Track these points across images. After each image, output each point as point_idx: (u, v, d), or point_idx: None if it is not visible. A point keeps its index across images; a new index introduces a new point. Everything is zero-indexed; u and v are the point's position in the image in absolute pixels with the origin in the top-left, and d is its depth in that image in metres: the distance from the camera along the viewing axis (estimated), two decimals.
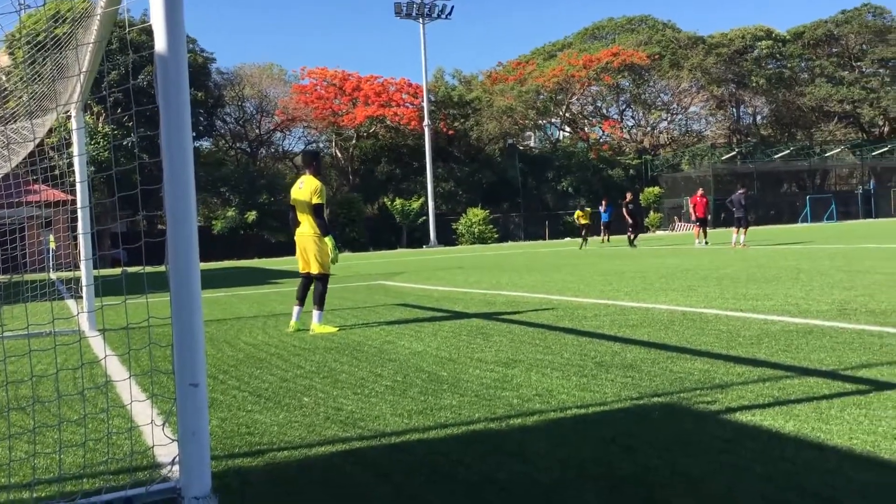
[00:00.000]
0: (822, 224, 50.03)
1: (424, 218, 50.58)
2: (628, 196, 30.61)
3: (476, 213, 51.49)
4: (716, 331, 7.02)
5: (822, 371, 5.08)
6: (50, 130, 11.49)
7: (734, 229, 24.71)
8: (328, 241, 8.54)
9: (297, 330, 8.70)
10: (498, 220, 54.50)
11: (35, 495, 3.38)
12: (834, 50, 68.15)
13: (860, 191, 61.89)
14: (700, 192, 28.90)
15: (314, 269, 8.70)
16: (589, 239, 31.26)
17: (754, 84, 64.52)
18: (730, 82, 65.03)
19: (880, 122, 68.41)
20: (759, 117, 71.15)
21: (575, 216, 33.13)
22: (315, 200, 8.49)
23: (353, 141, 57.85)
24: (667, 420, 4.11)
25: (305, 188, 8.60)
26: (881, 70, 67.63)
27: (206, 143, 57.41)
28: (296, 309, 8.88)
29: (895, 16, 68.02)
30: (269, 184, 51.12)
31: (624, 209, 29.58)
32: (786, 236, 30.30)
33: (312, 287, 8.82)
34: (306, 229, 8.63)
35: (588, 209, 33.06)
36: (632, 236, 29.08)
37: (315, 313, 8.63)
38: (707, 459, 3.42)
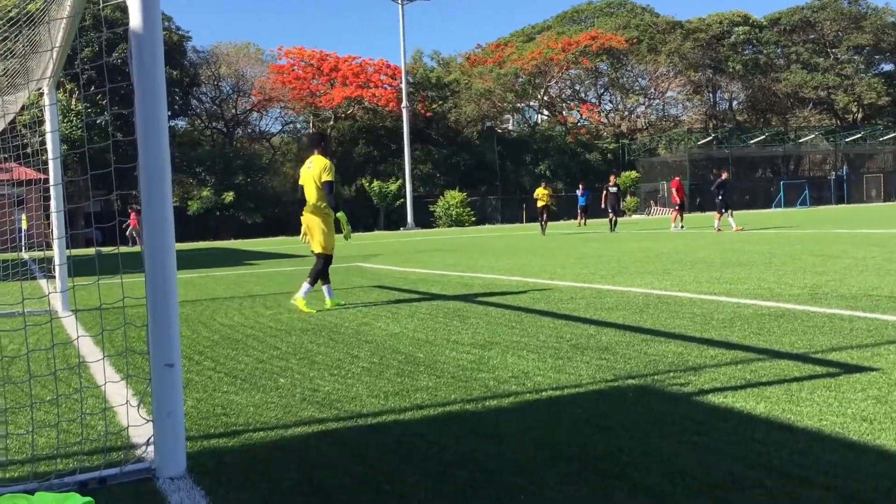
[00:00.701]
0: (796, 209, 50.58)
1: (402, 200, 50.50)
2: (612, 179, 30.15)
3: (454, 196, 51.48)
4: (690, 314, 7.10)
5: (793, 354, 5.15)
6: (22, 108, 11.31)
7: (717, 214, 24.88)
8: (341, 216, 8.70)
9: (335, 306, 8.85)
10: (475, 202, 54.53)
11: (8, 475, 3.36)
12: (810, 36, 68.66)
13: (833, 177, 62.62)
14: (678, 177, 29.15)
15: (316, 248, 8.85)
16: (547, 225, 29.00)
17: (731, 69, 64.90)
18: (707, 67, 65.37)
19: (854, 109, 69.13)
20: (735, 103, 71.64)
21: (536, 194, 29.42)
22: (325, 178, 8.63)
23: (331, 122, 57.50)
24: (640, 401, 4.16)
25: (315, 167, 8.73)
26: (856, 57, 68.31)
27: (181, 123, 56.86)
28: (324, 287, 9.02)
29: (871, 3, 68.61)
30: (245, 164, 50.76)
31: (605, 191, 29.15)
32: (759, 221, 30.61)
33: (314, 263, 8.96)
34: (313, 208, 8.74)
35: (548, 189, 29.94)
36: (612, 220, 28.56)
37: (304, 286, 8.76)
38: (679, 440, 3.46)
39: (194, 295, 10.96)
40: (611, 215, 28.52)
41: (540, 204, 28.85)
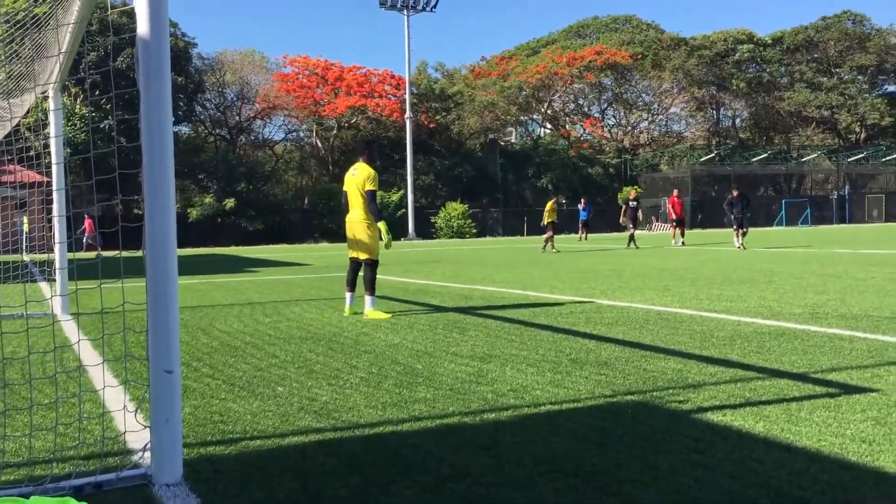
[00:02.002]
0: (797, 228, 50.59)
1: (403, 210, 50.50)
2: (632, 193, 28.80)
3: (455, 208, 51.51)
4: (690, 331, 7.09)
5: (792, 373, 5.14)
6: (27, 111, 11.34)
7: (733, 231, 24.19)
8: (381, 226, 8.72)
9: (352, 314, 8.86)
10: (477, 214, 54.54)
11: (3, 478, 3.35)
12: (814, 56, 68.82)
13: (835, 196, 62.65)
14: (675, 192, 29.08)
15: (362, 255, 8.86)
16: (550, 243, 25.17)
17: (734, 87, 65.07)
18: (710, 84, 65.54)
19: (857, 129, 69.24)
20: (738, 120, 71.77)
21: (547, 208, 26.16)
22: (368, 186, 8.68)
23: (334, 131, 57.60)
24: (639, 418, 4.15)
25: (359, 175, 8.78)
26: (859, 77, 68.45)
27: (184, 129, 56.95)
28: (348, 295, 9.05)
29: (875, 24, 68.87)
30: (248, 172, 50.77)
31: (625, 206, 27.71)
32: (761, 239, 30.61)
33: (362, 273, 8.92)
34: (357, 215, 8.78)
35: (553, 207, 26.42)
36: (631, 235, 26.95)
37: (367, 299, 8.79)
38: (677, 457, 3.45)
39: (194, 301, 10.95)
40: (630, 230, 27.16)
41: (546, 220, 25.74)
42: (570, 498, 3.02)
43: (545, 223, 25.59)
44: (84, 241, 30.83)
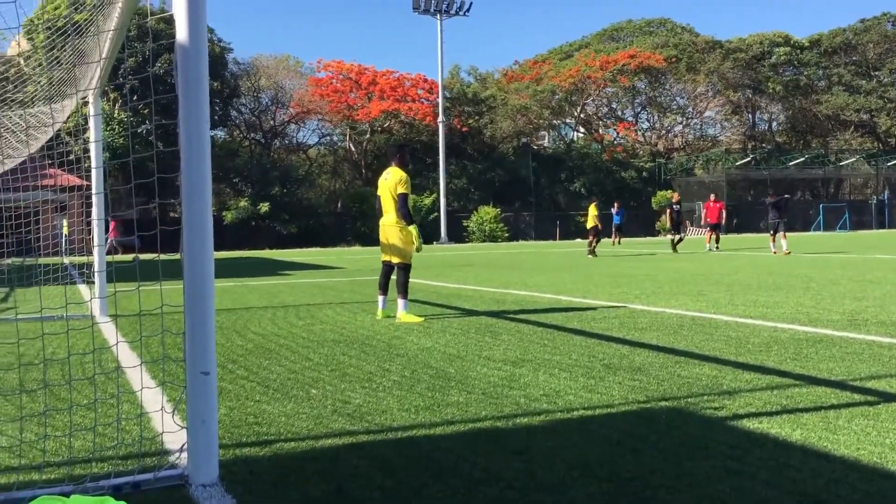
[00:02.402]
0: (835, 233, 49.79)
1: (436, 214, 50.57)
2: (675, 197, 27.78)
3: (487, 211, 51.46)
4: (725, 337, 7.01)
5: (830, 381, 5.07)
6: (68, 116, 11.55)
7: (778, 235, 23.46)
8: (412, 229, 8.79)
9: (385, 318, 8.92)
10: (509, 218, 54.45)
11: (44, 477, 3.42)
12: (852, 58, 67.69)
13: (874, 201, 61.52)
14: (712, 197, 28.69)
15: (395, 259, 8.92)
16: (593, 246, 24.60)
17: (771, 90, 64.22)
18: (746, 88, 64.76)
19: None
20: (774, 124, 70.84)
21: (589, 210, 25.75)
22: (400, 190, 8.75)
23: (367, 135, 57.87)
24: (673, 424, 4.12)
25: (391, 179, 8.86)
26: None
27: (220, 133, 57.56)
28: (380, 298, 9.13)
29: None
30: (282, 175, 51.17)
31: (668, 210, 26.89)
32: (798, 245, 30.16)
33: (395, 276, 8.97)
34: (390, 219, 8.87)
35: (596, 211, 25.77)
36: (675, 239, 26.17)
37: (400, 302, 8.83)
38: (713, 464, 3.42)
39: (229, 303, 11.07)
40: (673, 235, 26.37)
41: (590, 224, 25.29)
42: (604, 503, 3.01)
43: (589, 227, 25.47)
44: (109, 244, 30.65)
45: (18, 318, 5.98)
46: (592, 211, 25.70)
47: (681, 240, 26.13)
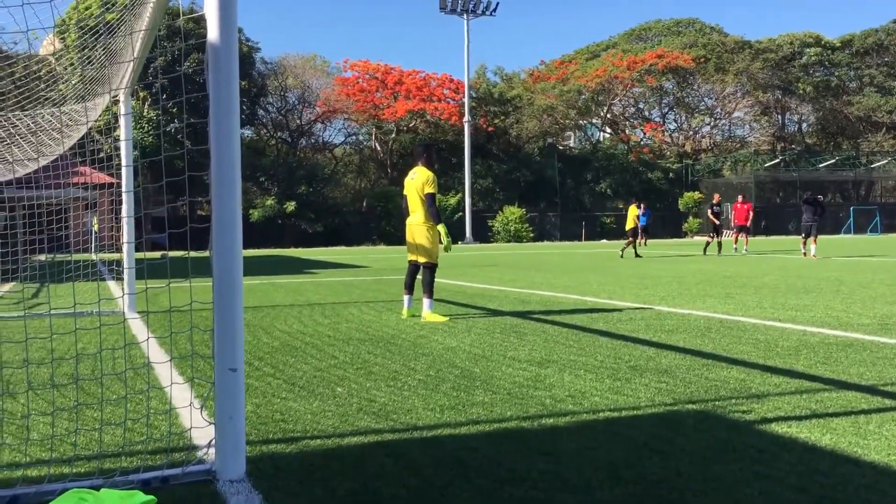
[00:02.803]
0: (866, 236, 49.11)
1: (461, 214, 50.58)
2: (716, 197, 26.77)
3: (513, 212, 51.39)
4: (753, 340, 6.95)
5: (861, 385, 5.00)
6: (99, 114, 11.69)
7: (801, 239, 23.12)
8: (441, 228, 8.82)
9: (410, 317, 8.95)
10: (535, 219, 54.33)
11: (75, 471, 3.46)
12: (884, 59, 66.69)
13: None
14: (740, 198, 28.39)
15: (422, 259, 8.95)
16: (631, 247, 24.90)
17: (801, 91, 63.51)
18: (776, 88, 64.08)
19: None
20: (804, 125, 70.03)
21: (630, 212, 25.90)
22: (427, 190, 8.78)
23: (393, 135, 58.02)
24: (700, 427, 4.08)
25: (418, 178, 8.89)
26: None
27: (247, 132, 57.99)
28: (406, 297, 9.16)
29: None
30: (308, 174, 51.46)
31: (709, 211, 26.03)
32: (828, 248, 29.79)
33: (421, 276, 9.00)
34: (417, 219, 8.90)
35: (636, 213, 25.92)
36: (715, 242, 25.44)
37: (425, 301, 8.87)
38: (740, 468, 3.39)
39: (255, 301, 11.15)
40: (713, 237, 25.61)
41: (631, 225, 25.52)
42: None
43: (628, 228, 25.76)
44: (95, 246, 29.12)
45: (52, 313, 6.07)
46: (633, 212, 25.89)
47: (719, 243, 25.42)
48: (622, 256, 24.26)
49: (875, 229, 54.28)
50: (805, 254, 22.50)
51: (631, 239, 25.14)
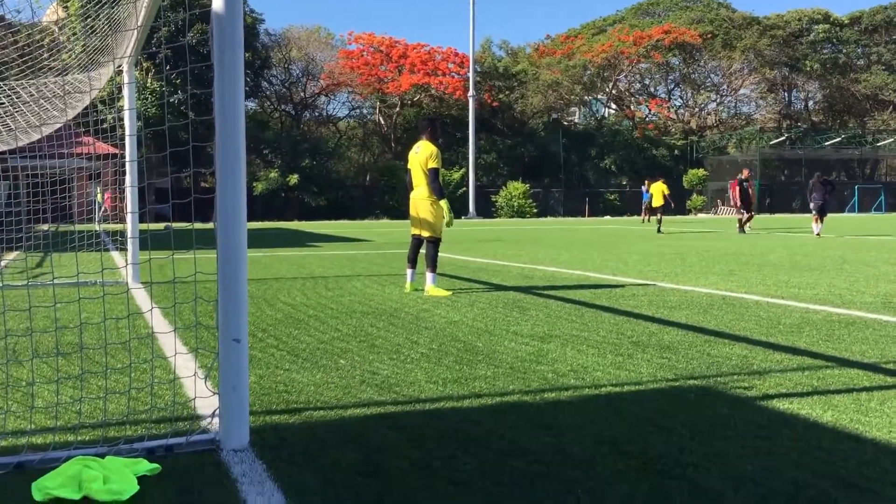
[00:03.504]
0: (870, 215, 48.99)
1: (464, 189, 50.50)
2: (745, 172, 25.43)
3: (516, 187, 51.30)
4: (755, 317, 6.95)
5: (863, 363, 5.01)
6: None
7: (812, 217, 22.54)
8: (443, 203, 8.80)
9: (413, 291, 8.95)
10: (538, 194, 54.24)
11: (79, 438, 3.49)
12: (893, 37, 66.16)
13: None
14: (746, 172, 28.17)
15: (425, 233, 8.93)
16: (658, 223, 26.32)
17: (808, 68, 63.09)
18: (783, 65, 63.67)
19: None
20: (811, 103, 69.64)
21: (654, 190, 26.82)
22: (431, 164, 8.75)
23: (397, 108, 57.79)
24: (702, 402, 4.10)
25: (422, 153, 8.86)
26: None
27: (251, 105, 57.78)
28: (409, 271, 9.17)
29: None
30: (311, 148, 51.33)
31: (738, 187, 24.96)
32: (832, 226, 29.73)
33: (424, 250, 8.99)
34: (420, 193, 8.87)
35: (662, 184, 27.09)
36: (742, 219, 24.82)
37: (428, 275, 8.86)
38: (742, 443, 3.41)
39: (259, 273, 11.17)
40: (741, 213, 24.93)
41: (659, 202, 26.41)
42: (632, 480, 3.01)
43: (656, 205, 26.66)
44: (99, 217, 27.31)
45: (55, 282, 6.08)
46: (661, 188, 26.59)
47: (750, 218, 24.97)
48: (660, 231, 25.19)
49: (879, 208, 54.15)
50: (819, 234, 21.84)
51: (660, 214, 26.25)
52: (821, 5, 69.57)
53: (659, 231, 25.28)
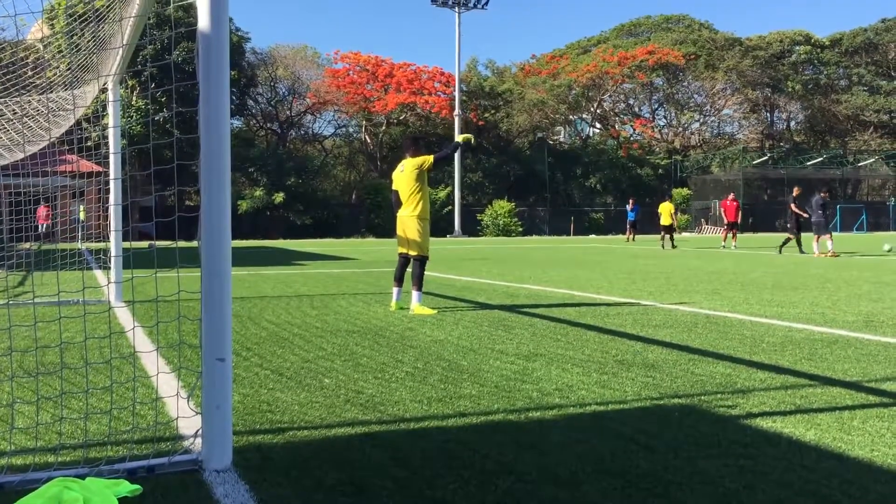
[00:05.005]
0: (852, 234, 49.43)
1: (450, 207, 50.55)
2: (796, 190, 24.21)
3: (502, 206, 51.40)
4: (739, 335, 6.99)
5: (845, 381, 5.04)
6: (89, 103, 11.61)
7: (814, 236, 21.82)
8: (461, 137, 9.17)
9: (398, 309, 8.95)
10: (523, 213, 54.36)
11: (60, 459, 3.45)
12: (873, 58, 67.06)
13: (893, 203, 61.02)
14: (731, 196, 28.56)
15: (412, 252, 8.96)
16: (668, 240, 27.47)
17: (790, 89, 63.77)
18: (765, 86, 64.31)
19: None
20: (793, 123, 70.33)
21: (662, 210, 27.88)
22: (427, 161, 8.89)
23: (383, 127, 57.89)
24: (686, 421, 4.11)
25: (407, 169, 8.95)
26: None
27: (236, 123, 57.70)
28: (395, 290, 9.18)
29: None
30: (297, 166, 51.27)
31: (793, 205, 23.28)
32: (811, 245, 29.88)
33: (411, 268, 9.02)
34: (407, 212, 8.92)
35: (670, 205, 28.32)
36: (792, 238, 22.84)
37: (414, 294, 8.87)
38: (725, 462, 3.41)
39: (244, 292, 11.12)
40: (794, 234, 22.94)
41: (667, 222, 27.47)
42: (616, 499, 3.01)
43: (664, 224, 27.86)
44: (39, 231, 25.14)
45: (35, 301, 6.02)
46: (668, 208, 27.94)
47: (789, 239, 23.00)
48: (674, 246, 26.93)
49: (861, 227, 54.63)
50: (829, 253, 21.01)
51: (668, 234, 27.51)
52: (802, 27, 70.44)
53: (674, 247, 26.93)
